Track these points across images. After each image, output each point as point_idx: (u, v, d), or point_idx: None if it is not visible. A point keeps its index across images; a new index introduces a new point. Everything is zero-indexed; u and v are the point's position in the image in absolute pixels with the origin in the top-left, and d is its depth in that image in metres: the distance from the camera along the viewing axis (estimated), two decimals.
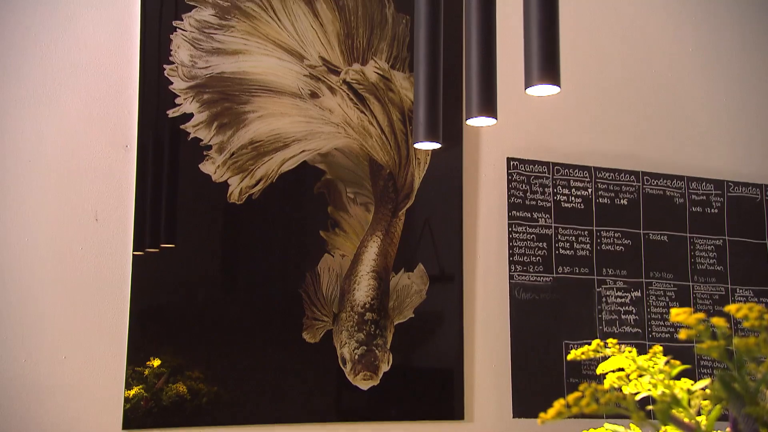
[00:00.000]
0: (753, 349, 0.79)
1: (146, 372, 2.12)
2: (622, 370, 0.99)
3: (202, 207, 2.26)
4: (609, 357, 1.01)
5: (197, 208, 2.25)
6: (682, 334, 0.89)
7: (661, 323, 2.72)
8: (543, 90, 1.28)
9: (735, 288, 2.86)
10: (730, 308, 0.88)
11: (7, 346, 2.02)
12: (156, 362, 2.13)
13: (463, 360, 2.49)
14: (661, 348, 1.01)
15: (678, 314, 0.89)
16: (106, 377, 2.10)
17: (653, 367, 0.97)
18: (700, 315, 0.88)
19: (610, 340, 1.02)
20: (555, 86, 1.26)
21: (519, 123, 2.67)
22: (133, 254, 2.15)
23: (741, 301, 2.85)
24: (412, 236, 2.49)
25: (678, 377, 0.97)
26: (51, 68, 2.14)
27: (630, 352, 1.00)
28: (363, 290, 2.40)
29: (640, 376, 0.96)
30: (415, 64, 1.62)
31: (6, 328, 2.03)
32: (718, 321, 0.85)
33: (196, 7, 2.28)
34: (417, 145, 1.65)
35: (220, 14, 2.31)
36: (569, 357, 1.02)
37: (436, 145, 1.64)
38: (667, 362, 0.97)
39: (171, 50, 2.24)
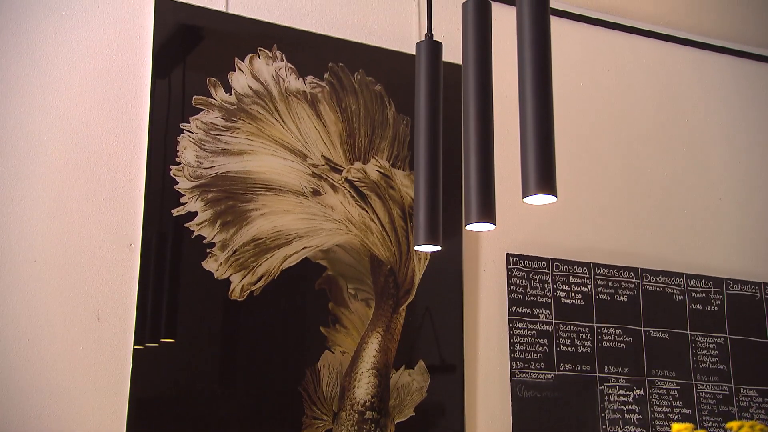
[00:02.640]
0: None
1: None
2: None
3: (203, 303, 2.26)
4: None
5: (198, 304, 2.25)
6: None
7: (666, 423, 2.68)
8: (540, 199, 1.31)
9: (739, 387, 2.82)
10: (732, 425, 0.88)
11: None
12: None
13: None
14: None
15: (680, 430, 0.89)
16: None
17: None
18: None
19: None
20: (551, 196, 1.29)
21: (518, 220, 2.71)
22: (133, 348, 2.14)
23: (745, 401, 2.81)
24: (412, 332, 2.49)
25: None
26: (57, 168, 2.18)
27: None
28: (363, 388, 2.37)
29: None
30: (416, 168, 1.67)
31: (5, 429, 2.00)
32: None
33: (203, 110, 2.35)
34: (417, 248, 1.68)
35: (227, 116, 2.38)
36: None
37: (437, 248, 1.66)
38: None
39: (178, 151, 2.29)
